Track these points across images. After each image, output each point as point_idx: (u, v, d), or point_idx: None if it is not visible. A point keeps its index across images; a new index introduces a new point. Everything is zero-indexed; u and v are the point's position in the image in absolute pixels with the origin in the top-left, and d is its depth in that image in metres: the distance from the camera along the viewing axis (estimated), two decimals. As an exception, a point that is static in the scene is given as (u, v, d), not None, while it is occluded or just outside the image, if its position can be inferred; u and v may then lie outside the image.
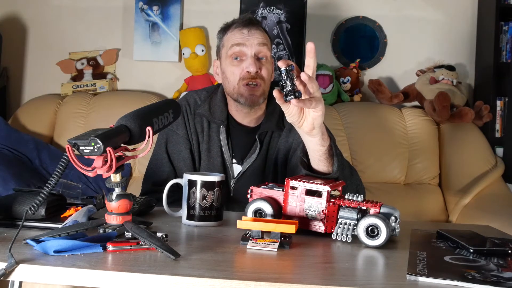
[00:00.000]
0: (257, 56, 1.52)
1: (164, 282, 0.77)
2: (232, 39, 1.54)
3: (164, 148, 1.59)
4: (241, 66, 1.52)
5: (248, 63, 1.51)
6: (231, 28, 1.56)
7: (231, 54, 1.53)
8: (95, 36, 3.12)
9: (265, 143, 1.56)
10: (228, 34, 1.56)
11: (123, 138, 0.91)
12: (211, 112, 1.58)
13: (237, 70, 1.52)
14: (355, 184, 1.38)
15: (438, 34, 3.03)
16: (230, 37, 1.55)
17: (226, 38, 1.56)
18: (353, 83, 2.93)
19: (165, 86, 3.06)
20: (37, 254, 0.85)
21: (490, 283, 0.78)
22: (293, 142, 1.56)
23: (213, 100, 1.61)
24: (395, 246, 1.03)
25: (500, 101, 2.87)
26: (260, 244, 0.96)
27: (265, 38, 1.55)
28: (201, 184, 1.15)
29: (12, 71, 3.17)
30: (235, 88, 1.53)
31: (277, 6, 3.01)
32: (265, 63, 1.54)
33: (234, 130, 1.59)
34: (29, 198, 1.05)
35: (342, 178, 1.23)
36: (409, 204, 2.55)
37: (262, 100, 1.55)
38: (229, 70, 1.54)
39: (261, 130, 1.56)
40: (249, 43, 1.51)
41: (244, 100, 1.52)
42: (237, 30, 1.54)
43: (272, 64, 1.59)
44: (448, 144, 2.75)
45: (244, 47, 1.51)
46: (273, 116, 1.58)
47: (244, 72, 1.51)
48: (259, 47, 1.52)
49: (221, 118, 1.57)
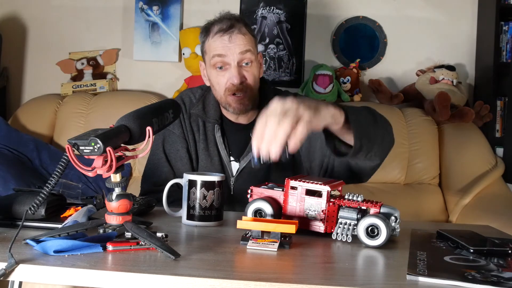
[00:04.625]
0: (240, 63, 1.50)
1: (164, 282, 0.77)
2: (213, 47, 1.50)
3: (162, 148, 1.59)
4: (225, 76, 1.50)
5: (231, 74, 1.49)
6: (212, 33, 1.52)
7: (213, 64, 1.51)
8: (95, 36, 3.12)
9: None
10: (209, 41, 1.52)
11: (123, 138, 0.91)
12: (205, 111, 1.58)
13: (222, 80, 1.51)
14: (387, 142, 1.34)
15: (438, 34, 3.03)
16: (211, 44, 1.51)
17: (208, 45, 1.53)
18: (353, 83, 2.93)
19: (165, 86, 3.06)
20: (37, 254, 0.85)
21: (490, 283, 0.78)
22: None
23: (207, 99, 1.61)
24: (395, 246, 1.03)
25: (500, 101, 2.87)
26: (260, 244, 0.96)
27: (247, 41, 1.51)
28: (201, 184, 1.15)
29: (12, 71, 3.17)
30: (222, 97, 1.53)
31: (277, 6, 3.01)
32: (250, 68, 1.51)
33: (228, 128, 1.59)
34: (29, 198, 1.05)
35: (368, 144, 1.21)
36: (409, 204, 2.55)
37: (251, 106, 1.54)
38: (214, 80, 1.54)
39: None
40: (231, 52, 1.48)
41: (233, 110, 1.53)
42: (218, 37, 1.50)
43: (259, 63, 1.56)
44: (448, 144, 2.75)
45: (226, 57, 1.48)
46: None
47: (229, 83, 1.50)
48: (242, 55, 1.49)
49: (215, 117, 1.57)
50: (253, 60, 1.52)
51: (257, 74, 1.55)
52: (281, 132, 1.00)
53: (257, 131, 1.03)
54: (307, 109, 1.04)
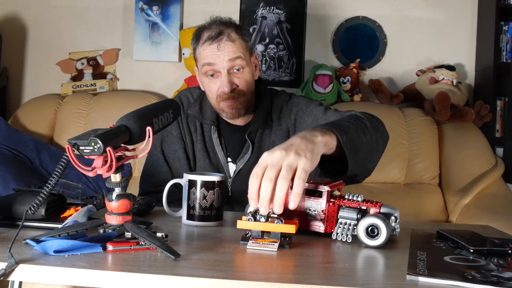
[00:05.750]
0: (231, 70, 1.49)
1: (164, 282, 0.77)
2: (203, 56, 1.50)
3: (160, 148, 1.59)
4: (217, 83, 1.50)
5: (221, 83, 1.49)
6: (201, 41, 1.51)
7: (204, 72, 1.51)
8: (95, 36, 3.12)
9: (256, 141, 1.56)
10: (199, 49, 1.52)
11: (123, 138, 0.91)
12: (201, 112, 1.59)
13: (214, 87, 1.51)
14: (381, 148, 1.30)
15: (438, 34, 3.03)
16: (201, 52, 1.51)
17: (198, 53, 1.53)
18: (353, 83, 2.93)
19: (165, 86, 3.07)
20: (37, 254, 0.85)
21: (490, 283, 0.78)
22: (288, 124, 1.56)
23: (204, 100, 1.61)
24: (395, 246, 1.03)
25: (500, 101, 2.87)
26: (260, 244, 0.96)
27: (237, 48, 1.49)
28: (201, 184, 1.15)
29: (12, 71, 3.17)
30: (215, 104, 1.54)
31: (277, 6, 3.01)
32: (241, 74, 1.51)
33: (225, 129, 1.60)
34: (29, 198, 1.05)
35: (363, 159, 1.18)
36: (409, 204, 2.55)
37: (245, 109, 1.54)
38: (206, 87, 1.55)
39: (250, 130, 1.56)
40: (220, 60, 1.47)
41: (226, 115, 1.53)
42: (207, 45, 1.49)
43: (252, 66, 1.55)
44: (448, 144, 2.75)
45: (215, 66, 1.48)
46: (261, 114, 1.57)
47: (220, 91, 1.50)
48: (231, 63, 1.48)
49: (212, 118, 1.57)
50: (244, 66, 1.51)
51: (249, 79, 1.53)
52: (279, 193, 0.93)
53: (251, 191, 0.95)
54: (299, 154, 0.97)
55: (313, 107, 1.54)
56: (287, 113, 1.58)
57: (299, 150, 0.98)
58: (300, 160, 0.96)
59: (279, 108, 1.59)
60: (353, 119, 1.25)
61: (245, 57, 1.52)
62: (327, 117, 1.47)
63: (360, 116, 1.30)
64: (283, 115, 1.58)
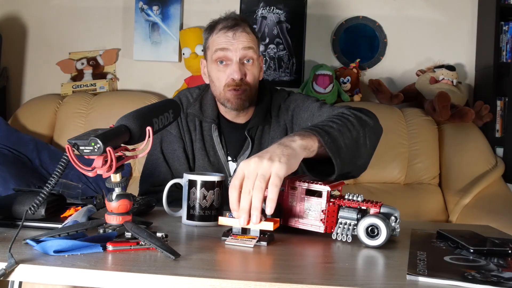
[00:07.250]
0: (242, 60, 1.51)
1: (164, 282, 0.77)
2: (216, 42, 1.52)
3: (159, 148, 1.59)
4: (226, 71, 1.51)
5: (232, 70, 1.50)
6: (216, 30, 1.54)
7: (215, 59, 1.52)
8: (95, 36, 3.12)
9: (256, 138, 1.57)
10: (213, 36, 1.54)
11: (123, 138, 0.91)
12: (202, 111, 1.59)
13: (223, 76, 1.52)
14: (370, 145, 1.25)
15: (438, 34, 3.03)
16: (215, 39, 1.53)
17: (211, 41, 1.55)
18: (353, 83, 2.93)
19: (165, 86, 3.07)
20: (37, 254, 0.85)
21: (490, 283, 0.78)
22: (286, 121, 1.57)
23: (204, 99, 1.61)
24: (395, 246, 1.03)
25: (500, 101, 2.87)
26: (239, 240, 0.97)
27: (251, 40, 1.53)
28: (201, 184, 1.15)
29: (12, 71, 3.17)
30: (221, 93, 1.54)
31: (277, 6, 3.01)
32: (251, 67, 1.53)
33: (225, 127, 1.60)
34: (29, 198, 1.05)
35: (350, 160, 1.15)
36: (409, 204, 2.55)
37: (249, 103, 1.55)
38: (214, 75, 1.54)
39: (249, 126, 1.57)
40: (234, 48, 1.49)
41: (231, 105, 1.53)
42: (222, 33, 1.52)
43: (259, 65, 1.58)
44: (448, 144, 2.75)
45: (228, 52, 1.50)
46: (261, 111, 1.58)
47: (229, 78, 1.51)
48: (244, 51, 1.51)
49: (212, 116, 1.58)
50: (255, 59, 1.54)
51: (257, 74, 1.56)
52: (254, 202, 0.96)
53: (231, 201, 0.99)
54: (273, 160, 0.98)
55: (309, 103, 1.55)
56: (285, 110, 1.59)
57: (273, 156, 0.99)
58: (273, 166, 0.98)
59: (277, 105, 1.60)
60: (337, 117, 1.23)
61: (256, 52, 1.55)
62: (321, 113, 1.47)
63: (346, 113, 1.28)
64: (281, 112, 1.59)
